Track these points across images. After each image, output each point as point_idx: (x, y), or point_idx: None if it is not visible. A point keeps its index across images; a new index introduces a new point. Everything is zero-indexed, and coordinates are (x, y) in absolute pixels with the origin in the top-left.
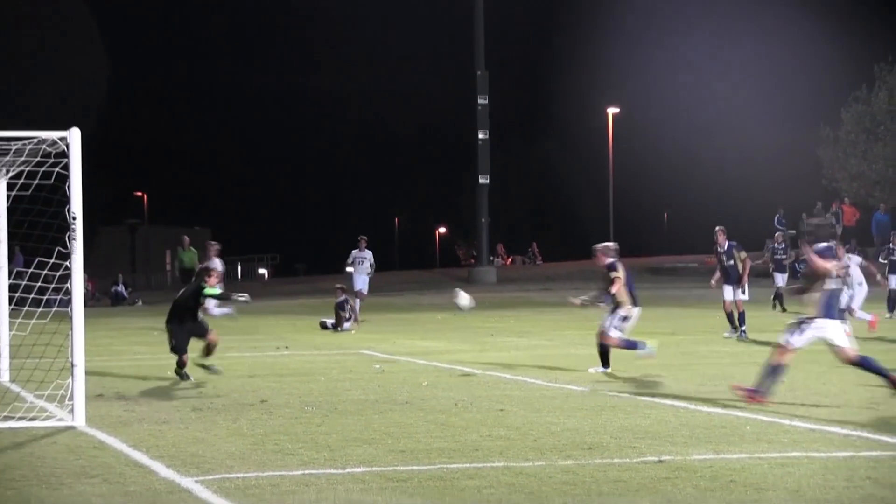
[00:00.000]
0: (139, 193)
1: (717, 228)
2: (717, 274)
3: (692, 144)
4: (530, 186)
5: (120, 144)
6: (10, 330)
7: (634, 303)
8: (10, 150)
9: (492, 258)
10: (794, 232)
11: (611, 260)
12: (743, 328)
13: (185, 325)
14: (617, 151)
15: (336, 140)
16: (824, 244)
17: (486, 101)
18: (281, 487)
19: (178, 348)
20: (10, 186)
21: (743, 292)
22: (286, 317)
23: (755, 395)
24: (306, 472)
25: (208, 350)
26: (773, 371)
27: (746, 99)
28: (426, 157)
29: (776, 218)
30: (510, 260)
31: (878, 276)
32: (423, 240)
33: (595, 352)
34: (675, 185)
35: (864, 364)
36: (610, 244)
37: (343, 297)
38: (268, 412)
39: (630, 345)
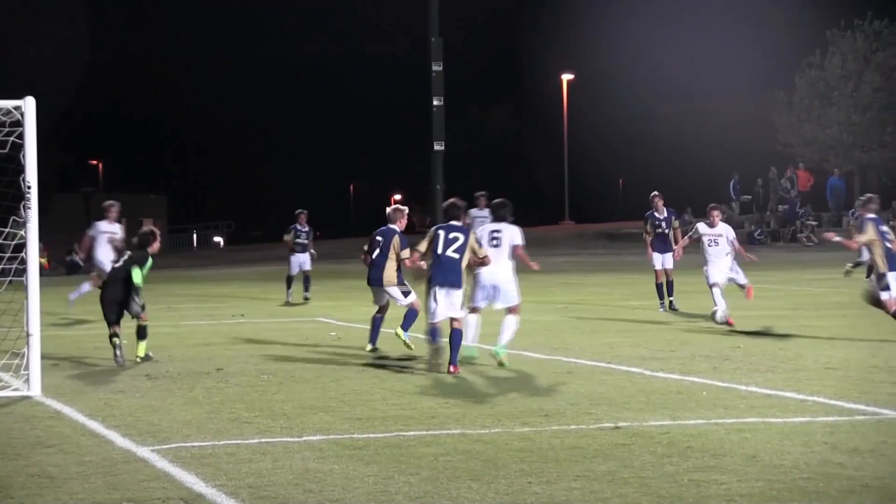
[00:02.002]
0: (94, 161)
1: (653, 194)
2: (650, 246)
3: (647, 110)
4: (487, 153)
5: (75, 112)
6: None
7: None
8: None
9: None
10: (748, 197)
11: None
12: (671, 298)
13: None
14: (572, 118)
15: (292, 106)
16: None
17: (441, 68)
18: (237, 456)
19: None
20: None
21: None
22: (242, 284)
23: None
24: (263, 440)
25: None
26: None
27: (701, 64)
28: (382, 124)
29: (731, 183)
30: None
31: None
32: (380, 206)
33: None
34: (630, 151)
35: None
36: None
37: None
38: (224, 380)
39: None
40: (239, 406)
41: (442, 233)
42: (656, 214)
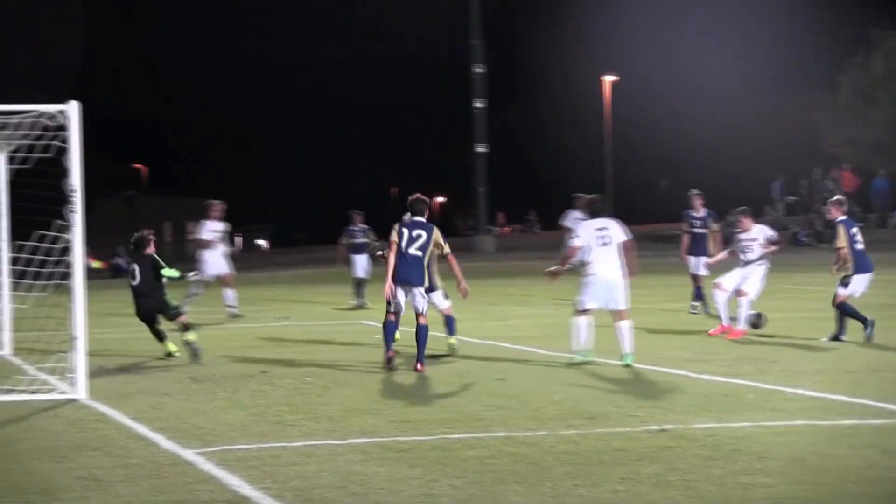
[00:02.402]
0: (137, 165)
1: (692, 192)
2: (686, 244)
3: (689, 111)
4: (529, 155)
5: (118, 116)
6: (12, 303)
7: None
8: (10, 123)
9: (490, 227)
10: (794, 199)
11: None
12: (700, 302)
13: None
14: (614, 119)
15: (334, 109)
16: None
17: (483, 70)
18: (282, 458)
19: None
20: (9, 160)
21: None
22: (285, 287)
23: None
24: (307, 443)
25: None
26: None
27: (744, 65)
28: (424, 126)
29: (776, 185)
30: (509, 228)
31: None
32: None
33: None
34: (672, 152)
35: None
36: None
37: None
38: (268, 383)
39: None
40: (283, 409)
41: (406, 230)
42: (692, 213)
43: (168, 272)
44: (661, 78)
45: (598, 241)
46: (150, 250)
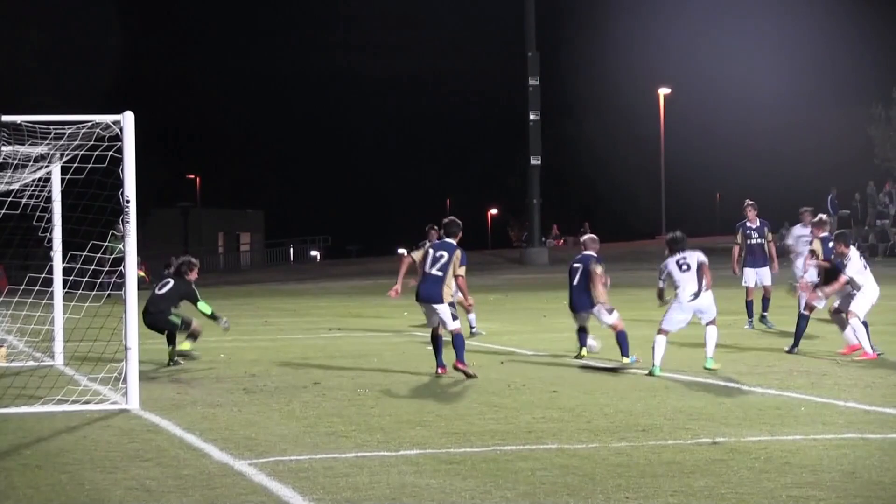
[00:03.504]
0: (192, 176)
1: (747, 203)
2: (739, 256)
3: (743, 124)
4: (583, 167)
5: (173, 127)
6: (65, 313)
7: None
8: (65, 134)
9: (543, 239)
10: (847, 212)
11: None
12: (765, 314)
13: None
14: (668, 132)
15: (388, 122)
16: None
17: (537, 82)
18: (334, 470)
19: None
20: (64, 170)
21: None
22: (338, 298)
23: None
24: (359, 454)
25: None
26: None
27: (797, 78)
28: (478, 138)
29: (829, 198)
30: (563, 241)
31: None
32: (475, 221)
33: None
34: (726, 165)
35: None
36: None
37: None
38: (320, 394)
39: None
40: (335, 420)
41: (431, 251)
42: (748, 224)
43: (203, 307)
44: (716, 90)
45: (680, 269)
46: (192, 277)
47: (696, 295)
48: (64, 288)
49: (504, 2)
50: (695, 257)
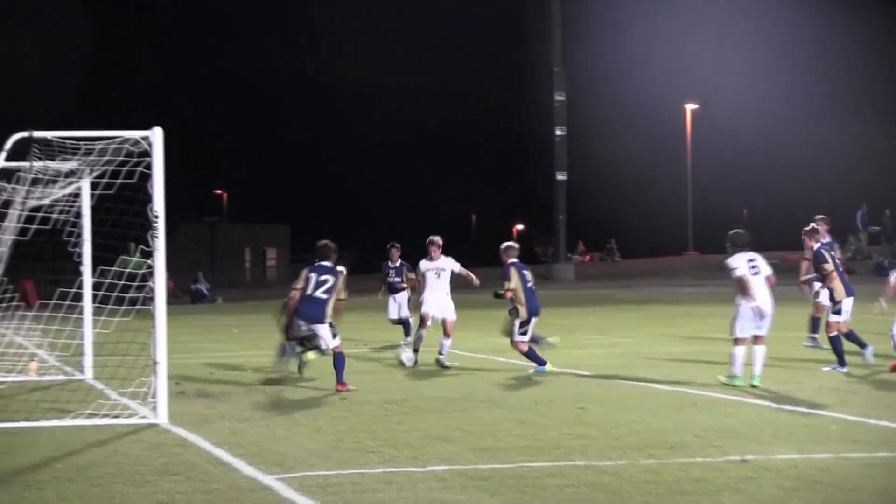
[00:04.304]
0: (219, 191)
1: (817, 217)
2: (806, 273)
3: (771, 140)
4: (609, 183)
5: (200, 142)
6: (94, 328)
7: (531, 310)
8: (94, 149)
9: (569, 255)
10: (877, 228)
11: (511, 261)
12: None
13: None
14: (695, 147)
15: (413, 137)
16: None
17: (564, 98)
18: (362, 485)
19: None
20: (93, 185)
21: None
22: (365, 314)
23: None
24: (387, 470)
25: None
26: None
27: (827, 93)
28: (504, 154)
29: (859, 214)
30: (589, 257)
31: None
32: (501, 236)
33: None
34: (754, 180)
35: None
36: (513, 244)
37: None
38: (348, 410)
39: (534, 358)
40: (363, 435)
41: (313, 275)
42: (821, 241)
43: None
44: (744, 106)
45: (752, 271)
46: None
47: (766, 303)
48: (93, 303)
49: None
50: (764, 262)
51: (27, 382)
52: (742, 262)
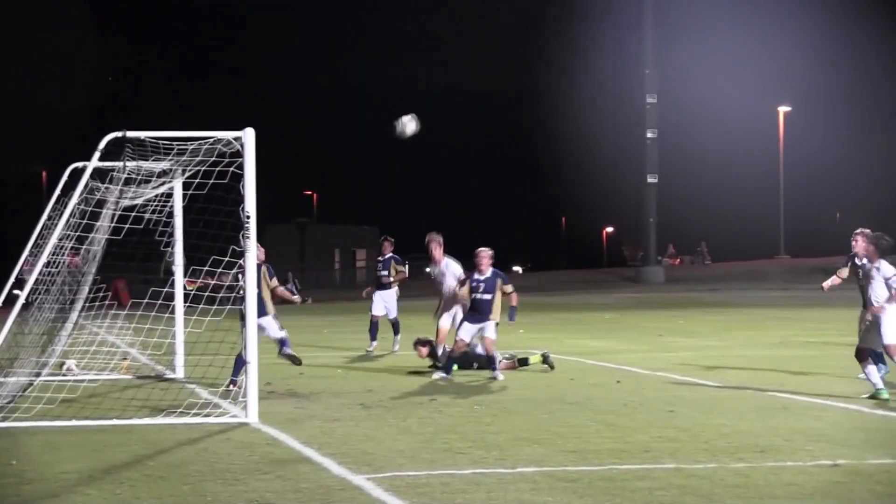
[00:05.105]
0: (308, 192)
1: (857, 232)
2: (835, 280)
3: (864, 142)
4: (700, 186)
5: (291, 144)
6: (186, 327)
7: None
8: (187, 150)
9: (659, 258)
10: None
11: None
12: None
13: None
14: (787, 150)
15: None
16: None
17: (655, 100)
18: (451, 486)
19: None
20: (185, 186)
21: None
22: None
23: None
24: (476, 471)
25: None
26: None
27: None
28: (595, 156)
29: None
30: (679, 260)
31: None
32: (591, 239)
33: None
34: (846, 183)
35: None
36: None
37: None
38: (437, 411)
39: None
40: (452, 436)
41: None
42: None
43: None
44: (836, 108)
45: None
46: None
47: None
48: (185, 302)
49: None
50: (885, 269)
51: (120, 381)
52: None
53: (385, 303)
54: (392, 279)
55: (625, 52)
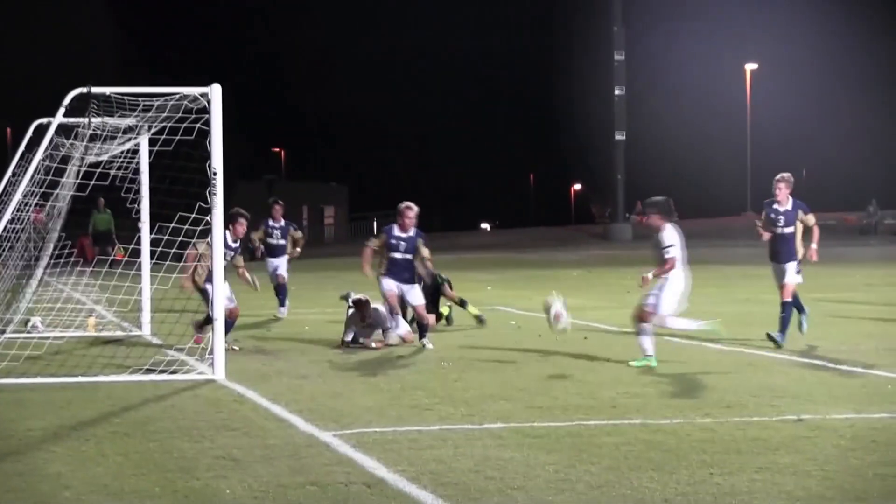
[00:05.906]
0: (276, 149)
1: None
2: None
3: (831, 100)
4: (668, 143)
5: (259, 100)
6: (152, 284)
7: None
8: (153, 106)
9: (627, 215)
10: None
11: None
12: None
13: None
14: (754, 107)
15: (471, 97)
16: None
17: (623, 57)
18: (419, 442)
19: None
20: (151, 142)
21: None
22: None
23: None
24: (443, 427)
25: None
26: None
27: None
28: (562, 114)
29: None
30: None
31: None
32: (558, 196)
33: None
34: (812, 141)
35: None
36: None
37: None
38: (404, 367)
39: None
40: (420, 393)
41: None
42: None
43: None
44: (803, 66)
45: None
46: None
47: None
48: (151, 259)
49: None
50: None
51: (85, 338)
52: None
53: (281, 268)
54: (297, 249)
55: (595, 9)
